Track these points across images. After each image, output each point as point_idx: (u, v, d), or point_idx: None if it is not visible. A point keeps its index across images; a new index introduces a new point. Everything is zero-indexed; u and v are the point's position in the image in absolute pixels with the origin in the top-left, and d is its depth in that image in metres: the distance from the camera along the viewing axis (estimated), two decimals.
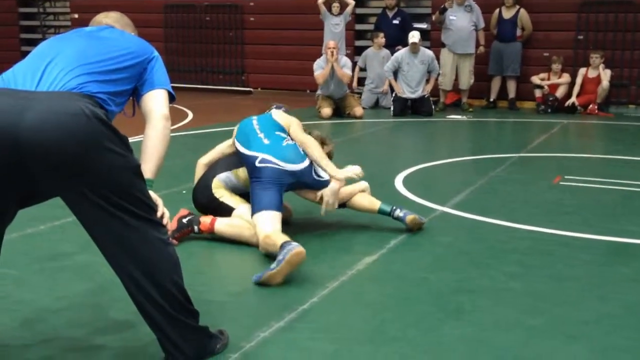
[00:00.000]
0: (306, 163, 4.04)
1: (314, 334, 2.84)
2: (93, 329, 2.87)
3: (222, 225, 3.97)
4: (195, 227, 4.01)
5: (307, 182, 4.05)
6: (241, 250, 3.88)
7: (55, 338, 2.78)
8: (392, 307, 3.14)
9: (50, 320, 2.95)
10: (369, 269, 3.63)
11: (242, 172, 4.14)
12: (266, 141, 4.03)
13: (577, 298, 3.28)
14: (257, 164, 3.93)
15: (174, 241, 3.96)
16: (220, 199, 4.09)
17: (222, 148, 4.39)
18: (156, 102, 2.61)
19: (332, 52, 9.84)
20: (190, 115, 10.05)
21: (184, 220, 4.02)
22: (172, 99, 2.70)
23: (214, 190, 4.12)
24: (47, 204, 2.63)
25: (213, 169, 4.24)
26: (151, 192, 2.46)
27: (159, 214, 2.48)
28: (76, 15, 15.05)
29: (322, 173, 4.09)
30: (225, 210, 4.05)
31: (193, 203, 4.24)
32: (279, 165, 3.92)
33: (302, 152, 4.08)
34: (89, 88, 2.30)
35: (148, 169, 2.51)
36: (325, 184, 4.07)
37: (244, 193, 4.14)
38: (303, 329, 2.88)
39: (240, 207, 4.04)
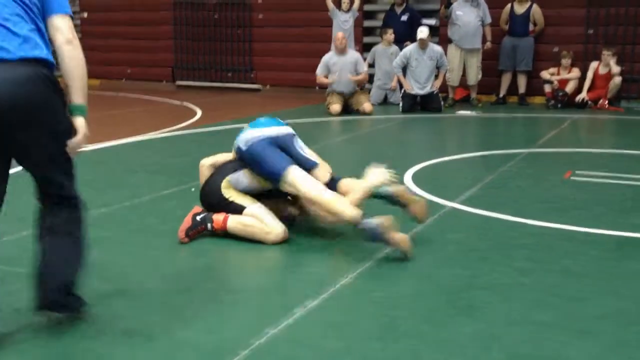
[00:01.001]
0: (285, 130, 4.09)
1: (324, 330, 2.84)
2: (101, 330, 2.87)
3: (234, 223, 3.97)
4: (209, 225, 4.01)
5: (292, 153, 4.05)
6: (253, 248, 3.88)
7: (62, 338, 2.79)
8: (402, 304, 3.14)
9: (58, 318, 2.96)
10: (379, 266, 3.62)
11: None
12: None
13: (587, 293, 3.27)
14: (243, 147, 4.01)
15: (186, 239, 3.96)
16: (230, 199, 4.08)
17: (228, 155, 4.35)
18: (55, 30, 2.67)
19: (341, 41, 9.89)
20: (199, 113, 10.07)
21: (198, 218, 4.02)
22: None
23: (223, 191, 4.10)
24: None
25: (222, 170, 4.21)
26: (82, 120, 2.73)
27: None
28: (85, 14, 15.10)
29: (307, 152, 4.08)
30: (235, 211, 4.03)
31: (201, 204, 4.23)
32: (260, 134, 4.02)
33: (278, 120, 4.17)
34: None
35: (75, 96, 2.69)
36: (310, 164, 4.04)
37: (254, 194, 4.12)
38: (313, 326, 2.88)
39: (251, 206, 4.03)
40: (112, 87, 13.95)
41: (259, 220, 3.93)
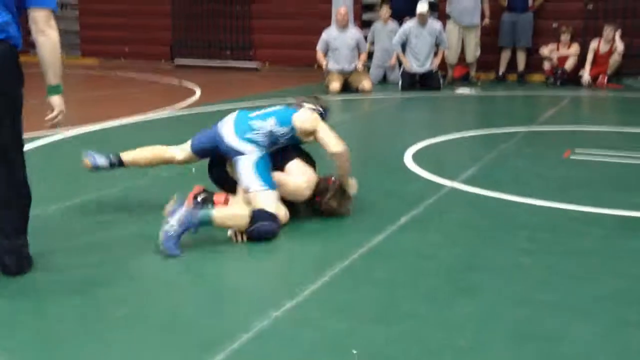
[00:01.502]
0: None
1: (326, 312, 2.85)
2: (105, 312, 2.88)
3: (236, 205, 3.95)
4: (210, 206, 3.99)
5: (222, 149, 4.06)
6: None
7: (61, 323, 2.80)
8: (403, 285, 3.15)
9: (59, 304, 2.97)
10: (379, 247, 3.63)
11: None
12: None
13: (588, 273, 3.28)
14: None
15: None
16: (233, 177, 4.07)
17: None
18: (31, 21, 3.13)
19: (344, 17, 9.82)
20: (198, 92, 10.04)
21: (198, 199, 4.01)
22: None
23: (228, 168, 4.09)
24: (56, 185, 2.62)
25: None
26: (57, 98, 3.28)
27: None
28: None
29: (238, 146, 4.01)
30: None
31: (209, 177, 4.24)
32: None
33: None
34: None
35: (49, 78, 3.24)
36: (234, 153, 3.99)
37: None
38: (315, 308, 2.90)
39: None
40: (109, 66, 13.88)
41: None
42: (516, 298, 2.99)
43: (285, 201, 3.99)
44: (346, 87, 10.09)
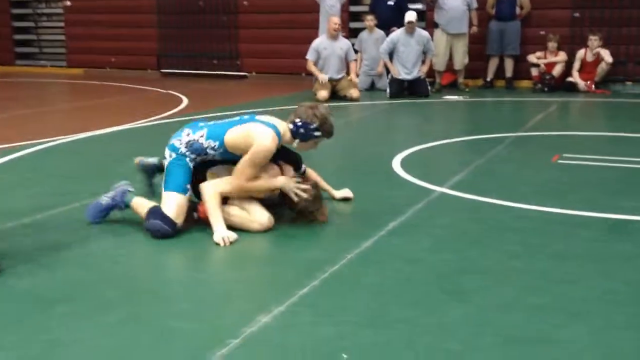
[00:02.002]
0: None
1: (315, 318, 2.83)
2: (95, 319, 2.85)
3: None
4: (194, 214, 3.98)
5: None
6: (241, 237, 3.85)
7: (52, 331, 2.76)
8: (392, 290, 3.13)
9: (48, 311, 2.93)
10: (368, 252, 3.61)
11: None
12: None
13: (578, 276, 3.27)
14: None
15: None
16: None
17: None
18: None
19: (337, 27, 9.81)
20: (186, 101, 10.00)
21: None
22: None
23: (209, 180, 4.06)
24: (44, 194, 2.59)
25: (203, 164, 4.14)
26: None
27: None
28: (69, 3, 14.95)
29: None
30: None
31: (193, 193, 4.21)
32: None
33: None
34: None
35: None
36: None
37: None
38: (304, 314, 2.87)
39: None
40: (96, 76, 13.83)
41: (244, 208, 3.91)
42: (506, 302, 2.97)
43: (268, 205, 3.97)
44: (334, 95, 10.09)
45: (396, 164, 5.64)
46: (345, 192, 4.53)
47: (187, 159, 3.98)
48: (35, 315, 2.87)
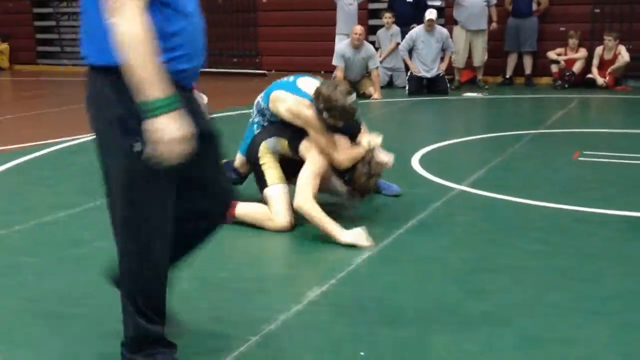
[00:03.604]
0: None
1: (334, 316, 2.84)
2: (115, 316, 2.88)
3: (242, 211, 3.95)
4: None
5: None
6: (260, 236, 3.88)
7: (77, 326, 2.80)
8: (411, 288, 3.13)
9: (73, 308, 2.97)
10: (387, 250, 3.62)
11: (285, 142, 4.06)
12: None
13: (598, 274, 3.26)
14: None
15: None
16: (262, 167, 4.03)
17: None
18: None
19: (359, 37, 9.73)
20: (205, 99, 10.04)
21: None
22: None
23: (260, 155, 4.05)
24: (66, 192, 2.62)
25: (265, 131, 4.14)
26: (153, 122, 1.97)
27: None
28: None
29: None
30: (260, 180, 4.01)
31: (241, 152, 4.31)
32: None
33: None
34: None
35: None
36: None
37: (291, 162, 4.05)
38: (322, 312, 2.88)
39: (273, 186, 3.97)
40: None
41: (270, 204, 3.91)
42: (526, 300, 2.97)
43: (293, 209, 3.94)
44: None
45: (415, 161, 5.63)
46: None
47: (255, 124, 4.23)
48: (60, 312, 2.91)
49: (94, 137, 2.19)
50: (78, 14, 15.42)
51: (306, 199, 3.77)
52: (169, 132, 1.96)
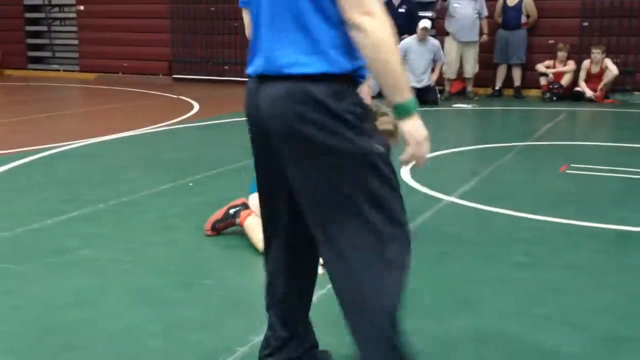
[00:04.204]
0: None
1: (322, 325, 2.84)
2: (100, 327, 2.88)
3: (250, 224, 3.80)
4: (237, 220, 3.89)
5: None
6: (251, 245, 3.88)
7: (62, 334, 2.80)
8: None
9: (58, 316, 2.96)
10: None
11: None
12: None
13: (584, 287, 3.28)
14: None
15: (212, 232, 3.94)
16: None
17: None
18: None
19: None
20: (197, 107, 10.05)
21: (231, 211, 3.92)
22: None
23: None
24: (53, 199, 2.62)
25: None
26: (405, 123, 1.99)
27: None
28: (82, 7, 15.05)
29: None
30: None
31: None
32: None
33: None
34: None
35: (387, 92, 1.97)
36: None
37: None
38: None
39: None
40: (108, 81, 13.91)
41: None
42: (513, 312, 2.99)
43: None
44: None
45: (405, 171, 5.65)
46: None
47: None
48: (46, 320, 2.91)
49: (316, 155, 1.89)
50: (70, 19, 15.43)
51: None
52: (422, 131, 2.00)
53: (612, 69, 10.35)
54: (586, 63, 10.56)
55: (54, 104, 10.96)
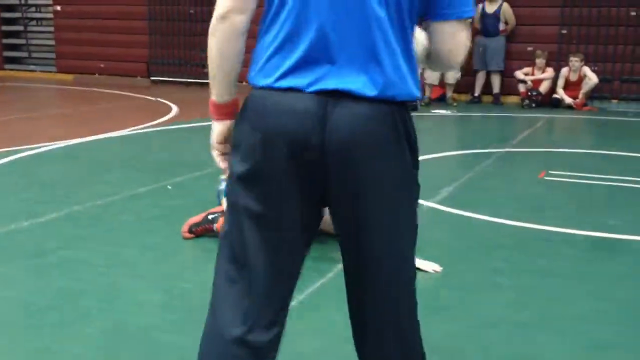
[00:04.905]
0: None
1: (301, 331, 2.83)
2: (77, 328, 2.84)
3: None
4: (214, 226, 3.89)
5: None
6: None
7: (41, 336, 2.76)
8: None
9: (35, 317, 2.92)
10: None
11: None
12: None
13: (562, 293, 3.30)
14: None
15: (189, 235, 3.91)
16: None
17: None
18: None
19: None
20: (175, 109, 10.00)
21: (210, 217, 3.93)
22: None
23: None
24: (30, 201, 2.58)
25: None
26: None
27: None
28: (59, 7, 14.92)
29: None
30: None
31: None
32: None
33: None
34: None
35: None
36: None
37: None
38: (290, 326, 2.87)
39: None
40: (85, 82, 13.79)
41: None
42: (490, 318, 2.99)
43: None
44: None
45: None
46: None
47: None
48: (24, 322, 2.87)
49: (398, 184, 1.83)
50: (47, 19, 15.30)
51: None
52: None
53: (592, 77, 10.46)
54: (564, 71, 10.66)
55: (31, 105, 10.84)
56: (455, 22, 1.71)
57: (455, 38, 1.75)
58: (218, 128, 1.93)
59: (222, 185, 4.11)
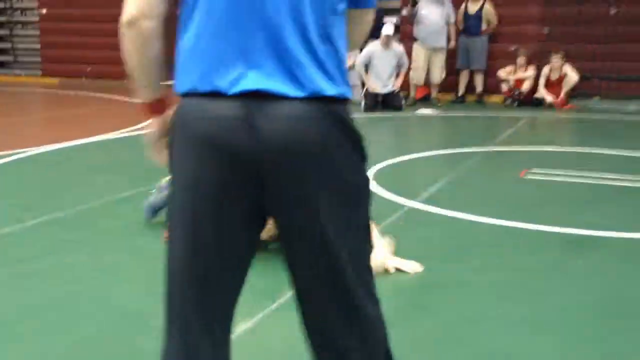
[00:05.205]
0: None
1: (283, 334, 2.87)
2: (64, 336, 2.87)
3: None
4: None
5: None
6: None
7: (22, 345, 2.79)
8: None
9: (16, 327, 2.95)
10: None
11: None
12: None
13: (543, 291, 3.36)
14: None
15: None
16: None
17: None
18: None
19: None
20: None
21: None
22: None
23: None
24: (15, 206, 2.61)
25: None
26: None
27: None
28: (44, 11, 14.88)
29: None
30: None
31: None
32: None
33: None
34: None
35: None
36: None
37: None
38: (271, 329, 2.91)
39: None
40: (71, 86, 13.76)
41: None
42: (472, 316, 3.05)
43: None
44: None
45: (369, 177, 5.71)
46: None
47: None
48: (5, 329, 2.90)
49: (352, 177, 1.82)
50: (32, 22, 15.25)
51: None
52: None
53: (572, 75, 10.56)
54: (546, 70, 10.76)
55: (15, 109, 10.82)
56: (370, 9, 1.82)
57: (370, 22, 1.87)
58: (152, 126, 1.85)
59: (152, 198, 4.17)
